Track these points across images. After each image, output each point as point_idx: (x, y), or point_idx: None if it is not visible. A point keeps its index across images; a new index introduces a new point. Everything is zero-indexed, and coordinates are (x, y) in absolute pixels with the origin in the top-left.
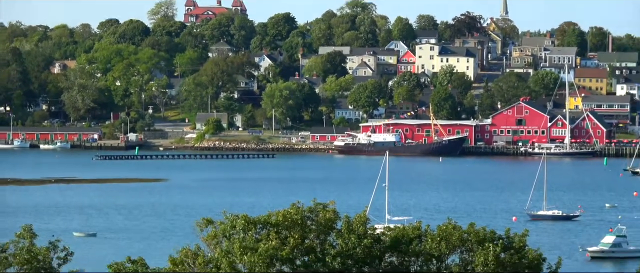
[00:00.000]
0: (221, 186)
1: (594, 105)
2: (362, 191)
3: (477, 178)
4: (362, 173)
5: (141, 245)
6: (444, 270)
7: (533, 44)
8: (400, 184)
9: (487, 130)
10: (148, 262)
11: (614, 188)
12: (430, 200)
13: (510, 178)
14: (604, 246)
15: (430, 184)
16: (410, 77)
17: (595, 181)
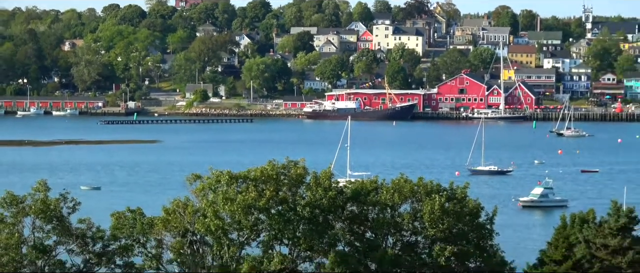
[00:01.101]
0: (207, 146)
1: (524, 77)
2: (327, 150)
3: (425, 139)
4: (327, 136)
5: (140, 197)
6: (397, 217)
7: (473, 24)
8: (360, 144)
9: (433, 98)
10: (145, 212)
11: (541, 147)
12: (386, 158)
13: (453, 139)
14: (534, 196)
15: (386, 144)
16: (368, 53)
17: (526, 141)
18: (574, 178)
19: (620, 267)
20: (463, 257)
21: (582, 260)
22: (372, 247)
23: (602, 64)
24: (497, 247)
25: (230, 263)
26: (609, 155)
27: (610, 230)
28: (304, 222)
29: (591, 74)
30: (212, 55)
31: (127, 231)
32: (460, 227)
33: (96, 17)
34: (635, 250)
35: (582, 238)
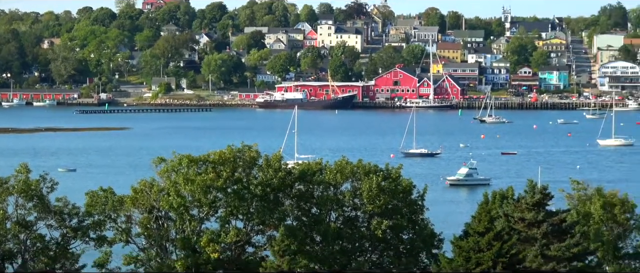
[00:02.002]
0: (171, 133)
1: (451, 70)
2: (277, 136)
3: (364, 126)
4: (277, 123)
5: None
6: (339, 195)
7: (405, 24)
8: (306, 131)
9: (371, 89)
10: (116, 191)
11: (466, 132)
12: (329, 143)
13: (389, 125)
14: (460, 176)
15: (329, 131)
16: (313, 50)
17: (453, 127)
18: (495, 160)
19: (535, 237)
20: (397, 229)
21: (502, 232)
22: (317, 221)
23: (519, 59)
24: (428, 221)
25: (192, 236)
26: (525, 139)
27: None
28: (256, 200)
29: (510, 68)
30: (174, 52)
31: (99, 208)
32: (395, 203)
33: (71, 18)
34: (548, 222)
35: (502, 212)
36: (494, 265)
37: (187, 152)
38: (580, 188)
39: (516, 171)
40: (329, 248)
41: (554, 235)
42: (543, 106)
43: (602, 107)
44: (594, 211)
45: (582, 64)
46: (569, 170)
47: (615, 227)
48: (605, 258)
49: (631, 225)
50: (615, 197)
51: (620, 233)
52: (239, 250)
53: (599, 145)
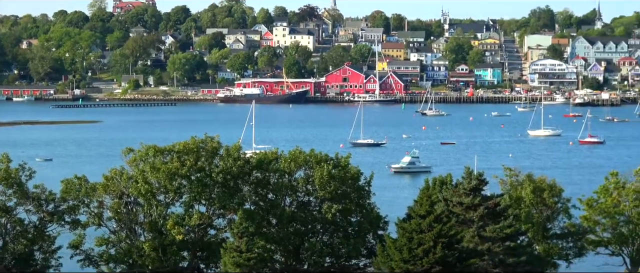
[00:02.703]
0: (139, 125)
1: (395, 68)
2: (237, 128)
3: (316, 119)
4: (237, 116)
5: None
6: (293, 181)
7: (353, 26)
8: (263, 123)
9: (322, 85)
10: (89, 178)
11: (409, 124)
12: (284, 134)
13: (338, 118)
14: (403, 164)
15: (284, 123)
16: (270, 49)
17: (397, 119)
18: (436, 149)
19: (472, 219)
20: (346, 213)
21: (441, 215)
22: (273, 205)
23: (457, 57)
24: (374, 205)
25: (158, 220)
26: (463, 130)
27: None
28: (217, 186)
29: (448, 65)
30: (142, 52)
31: (74, 194)
32: (344, 189)
33: (48, 21)
34: (484, 206)
35: (441, 197)
36: (434, 245)
37: (154, 143)
38: (512, 174)
39: (455, 159)
40: (284, 230)
41: (489, 218)
42: (479, 100)
43: (532, 100)
44: (525, 195)
45: (514, 61)
46: (502, 158)
47: (544, 209)
48: (536, 238)
49: (558, 207)
50: (544, 182)
51: (548, 216)
52: (202, 232)
53: (529, 135)
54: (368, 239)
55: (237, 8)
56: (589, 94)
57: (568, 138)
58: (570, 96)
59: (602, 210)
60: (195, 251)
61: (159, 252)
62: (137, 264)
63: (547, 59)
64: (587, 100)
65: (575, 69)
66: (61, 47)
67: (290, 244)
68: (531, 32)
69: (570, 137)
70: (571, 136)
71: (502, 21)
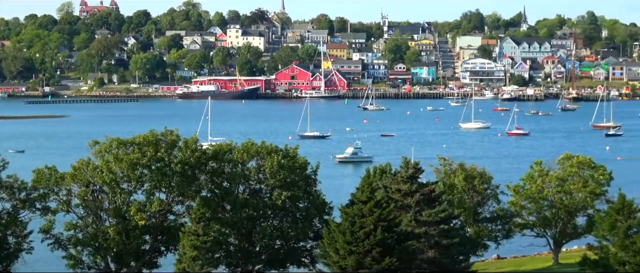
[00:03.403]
0: (104, 120)
1: (338, 66)
2: (194, 122)
3: (267, 113)
4: (194, 111)
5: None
6: (246, 171)
7: (300, 28)
8: (218, 117)
9: (272, 82)
10: (58, 168)
11: (352, 118)
12: (237, 127)
13: (287, 113)
14: (347, 154)
15: (237, 117)
16: (224, 49)
17: (340, 114)
18: (376, 141)
19: (409, 205)
20: (295, 199)
21: (381, 201)
22: (227, 193)
23: (395, 57)
24: (320, 192)
25: (122, 206)
26: (401, 123)
27: (402, 178)
28: (176, 175)
29: (387, 64)
30: (107, 52)
31: (44, 183)
32: (293, 177)
33: (20, 23)
34: (420, 193)
35: (381, 184)
36: (374, 228)
37: (118, 136)
38: (446, 163)
39: (393, 150)
40: (238, 215)
41: (424, 203)
42: (415, 96)
43: (464, 96)
44: (458, 182)
45: (447, 60)
46: (437, 148)
47: (475, 195)
48: (467, 222)
49: (488, 194)
50: (475, 170)
51: (479, 201)
52: (162, 217)
53: (461, 128)
54: (314, 223)
55: (194, 12)
56: (516, 90)
57: (497, 131)
58: (498, 92)
59: (527, 195)
60: (156, 235)
61: (122, 235)
62: (103, 247)
63: (478, 58)
64: (513, 96)
65: (503, 67)
66: (32, 48)
67: (243, 228)
68: (463, 33)
69: (499, 129)
70: (499, 128)
71: (436, 23)
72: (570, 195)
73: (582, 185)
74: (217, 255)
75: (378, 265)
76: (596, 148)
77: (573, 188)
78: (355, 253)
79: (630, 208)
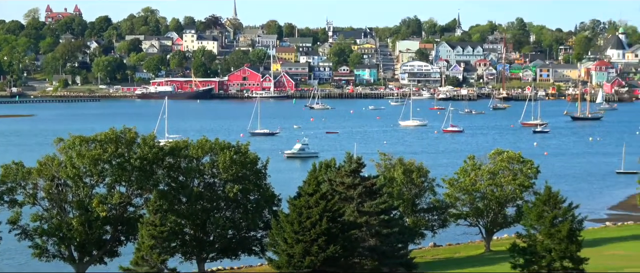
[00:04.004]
0: (68, 118)
1: (287, 68)
2: (152, 120)
3: (220, 112)
4: (152, 110)
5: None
6: (201, 166)
7: (251, 33)
8: (174, 116)
9: (225, 84)
10: (25, 164)
11: (299, 116)
12: (193, 125)
13: (239, 112)
14: (295, 150)
15: (193, 116)
16: (180, 53)
17: (289, 112)
18: (322, 137)
19: (352, 197)
20: (246, 192)
21: (326, 193)
22: (183, 186)
23: (339, 60)
24: (269, 185)
25: (85, 199)
26: (345, 121)
27: (345, 172)
28: (135, 170)
29: (332, 66)
30: (71, 55)
31: (12, 177)
32: (244, 171)
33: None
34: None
35: (326, 178)
36: (320, 218)
37: (80, 134)
38: (386, 158)
39: (338, 146)
40: (193, 207)
41: (366, 195)
42: (358, 96)
43: (402, 96)
44: (397, 176)
45: (387, 63)
46: (378, 144)
47: (413, 188)
48: (406, 212)
49: (425, 186)
50: (413, 165)
51: (417, 193)
52: (122, 209)
53: (400, 125)
54: (264, 214)
55: (152, 18)
56: (451, 90)
57: (433, 128)
58: (434, 92)
59: (461, 188)
60: (117, 225)
61: (85, 226)
62: (67, 237)
63: (415, 60)
64: (449, 96)
65: (439, 70)
66: (0, 51)
67: (198, 219)
68: (402, 38)
69: (435, 127)
70: (436, 126)
71: (377, 29)
72: (500, 188)
73: (511, 178)
74: (173, 244)
75: (323, 252)
76: (525, 144)
77: (503, 181)
78: (302, 242)
79: (556, 200)
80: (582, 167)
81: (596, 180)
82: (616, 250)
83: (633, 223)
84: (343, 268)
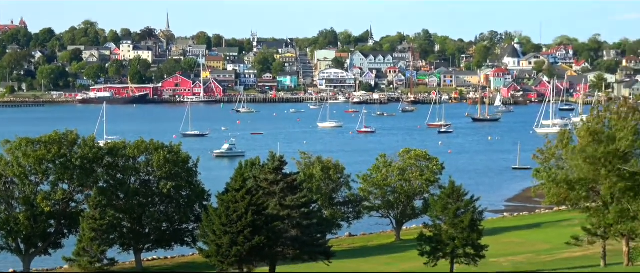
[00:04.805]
0: (15, 122)
1: (216, 76)
2: (92, 123)
3: (154, 116)
4: (92, 114)
5: None
6: (137, 164)
7: (183, 43)
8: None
9: (159, 89)
10: None
11: (227, 119)
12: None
13: (172, 115)
14: (223, 150)
15: (129, 119)
16: (117, 62)
17: (217, 116)
18: (248, 138)
19: (275, 192)
20: (179, 188)
21: (251, 189)
22: (121, 183)
23: (263, 67)
24: (200, 182)
25: (30, 195)
26: (269, 123)
27: (268, 169)
28: (77, 169)
29: (257, 74)
30: (17, 64)
31: None
32: (177, 170)
33: None
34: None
35: (252, 175)
36: (246, 212)
37: (26, 136)
38: (306, 157)
39: (262, 146)
40: (130, 202)
41: (288, 190)
42: (280, 100)
43: (320, 100)
44: (316, 173)
45: (307, 70)
46: (298, 144)
47: (330, 183)
48: (324, 205)
49: (341, 182)
50: (330, 162)
51: (334, 188)
52: (65, 204)
53: (319, 127)
54: (195, 208)
55: (92, 30)
56: (364, 95)
57: (348, 129)
58: (349, 96)
59: (374, 183)
60: (60, 220)
61: (31, 220)
62: (14, 230)
63: (332, 68)
64: (362, 100)
65: (353, 76)
66: None
67: (135, 213)
68: (320, 47)
69: (350, 128)
70: (351, 127)
71: (297, 39)
72: (409, 183)
73: (419, 174)
74: (112, 236)
75: (249, 243)
76: (431, 144)
77: (412, 176)
78: (230, 233)
79: (459, 193)
80: (482, 163)
81: (495, 175)
82: (513, 237)
83: (527, 213)
84: (267, 256)
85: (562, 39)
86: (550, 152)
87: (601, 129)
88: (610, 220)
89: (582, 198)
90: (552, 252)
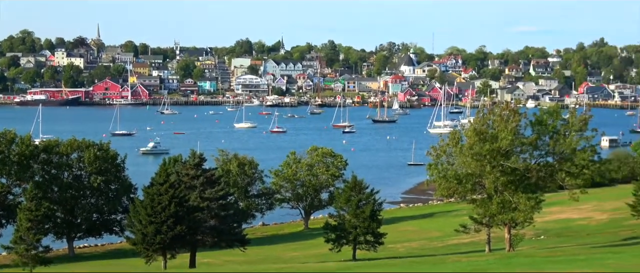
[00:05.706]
0: None
1: (142, 81)
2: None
3: (86, 117)
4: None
5: None
6: (69, 161)
7: (112, 51)
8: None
9: (91, 93)
10: None
11: (153, 120)
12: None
13: (102, 116)
14: (149, 148)
15: (63, 120)
16: (52, 68)
17: (143, 117)
18: (171, 137)
19: (195, 185)
20: (108, 182)
21: (174, 183)
22: (55, 178)
23: (185, 73)
24: (128, 176)
25: None
26: (190, 124)
27: (190, 165)
28: (14, 164)
29: (179, 79)
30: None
31: None
32: (106, 165)
33: None
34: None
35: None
36: (169, 203)
37: None
38: (224, 154)
39: (184, 144)
40: (63, 195)
41: (207, 184)
42: (201, 103)
43: (237, 103)
44: (232, 168)
45: (224, 76)
46: (217, 143)
47: (246, 178)
48: (240, 198)
49: (255, 176)
50: (246, 159)
51: (249, 182)
52: (3, 197)
53: (235, 127)
54: (123, 200)
55: (29, 38)
56: (276, 98)
57: (262, 129)
58: (263, 100)
59: (285, 177)
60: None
61: None
62: None
63: (248, 74)
64: (275, 103)
65: (267, 82)
66: None
67: (68, 205)
68: (236, 56)
69: (264, 128)
70: (264, 127)
71: (216, 48)
72: (316, 177)
73: (325, 169)
74: (47, 226)
75: (172, 231)
76: (336, 142)
77: (319, 171)
78: (155, 223)
79: (361, 186)
80: (381, 160)
81: (393, 170)
82: (409, 226)
83: (422, 204)
84: (188, 244)
85: (452, 50)
86: (442, 149)
87: (486, 129)
88: (493, 210)
89: (469, 191)
90: (443, 238)
